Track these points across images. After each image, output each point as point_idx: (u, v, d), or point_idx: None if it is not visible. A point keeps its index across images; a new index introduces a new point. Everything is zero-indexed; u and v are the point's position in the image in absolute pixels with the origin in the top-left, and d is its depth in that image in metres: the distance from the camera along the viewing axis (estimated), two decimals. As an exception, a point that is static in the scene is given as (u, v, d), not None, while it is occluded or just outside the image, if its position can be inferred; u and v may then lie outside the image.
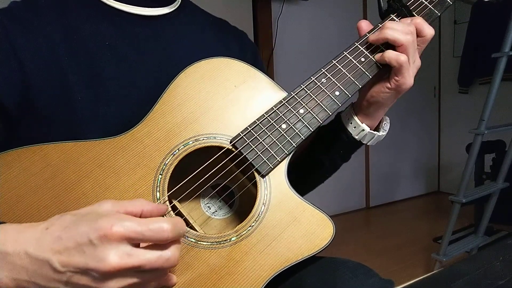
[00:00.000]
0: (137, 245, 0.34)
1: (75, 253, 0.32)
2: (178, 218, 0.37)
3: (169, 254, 0.34)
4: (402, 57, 0.50)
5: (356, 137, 0.58)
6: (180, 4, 0.62)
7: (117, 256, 0.31)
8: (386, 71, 0.54)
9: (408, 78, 0.52)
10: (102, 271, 0.31)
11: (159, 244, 0.34)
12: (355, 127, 0.58)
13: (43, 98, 0.49)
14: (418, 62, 0.53)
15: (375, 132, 0.58)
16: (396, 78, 0.52)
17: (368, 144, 0.60)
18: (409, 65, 0.51)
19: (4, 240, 0.33)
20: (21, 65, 0.48)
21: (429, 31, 0.52)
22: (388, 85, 0.53)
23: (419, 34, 0.52)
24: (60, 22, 0.52)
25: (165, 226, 0.34)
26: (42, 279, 0.32)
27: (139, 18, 0.56)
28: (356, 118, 0.58)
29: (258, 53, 0.71)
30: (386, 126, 0.61)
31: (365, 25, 0.56)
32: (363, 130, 0.58)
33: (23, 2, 0.53)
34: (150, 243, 0.34)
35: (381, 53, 0.53)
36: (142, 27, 0.56)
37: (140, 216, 0.37)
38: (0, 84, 0.48)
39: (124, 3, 0.56)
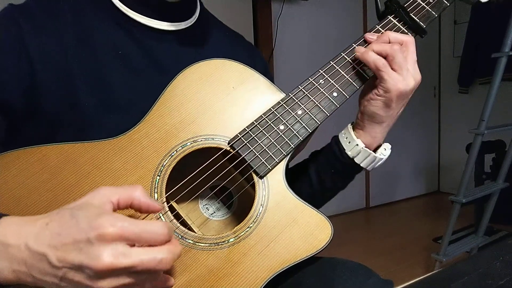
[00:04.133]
0: (132, 246, 0.34)
1: (72, 250, 0.32)
2: (167, 222, 0.39)
3: (162, 256, 0.34)
4: (380, 61, 0.50)
5: (349, 153, 0.55)
6: (197, 19, 0.61)
7: (111, 255, 0.32)
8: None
9: (392, 82, 0.50)
10: (95, 269, 0.32)
11: (153, 246, 0.35)
12: (349, 142, 0.55)
13: (49, 100, 0.49)
14: (413, 72, 0.51)
15: (370, 151, 0.55)
16: (381, 83, 0.51)
17: (363, 166, 0.56)
18: (389, 69, 0.50)
19: (6, 232, 0.34)
20: (31, 65, 0.49)
21: (406, 38, 0.52)
22: (376, 91, 0.52)
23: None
24: (74, 27, 0.52)
25: (161, 228, 0.35)
26: (39, 273, 0.33)
27: (156, 31, 0.56)
28: (351, 131, 0.56)
29: (268, 71, 0.70)
30: (385, 151, 0.57)
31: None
32: (357, 145, 0.54)
33: (40, 1, 0.52)
34: (145, 245, 0.35)
35: (356, 47, 0.53)
36: (157, 40, 0.56)
37: (131, 205, 0.37)
38: (9, 83, 0.48)
39: (142, 15, 0.55)
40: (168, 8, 0.56)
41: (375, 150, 0.56)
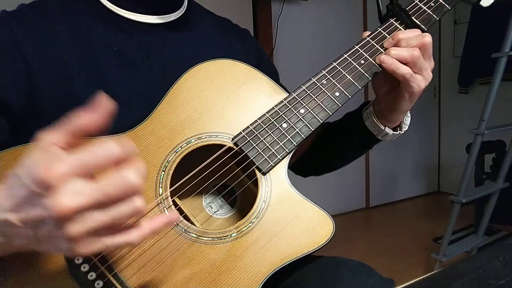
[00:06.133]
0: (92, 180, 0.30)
1: (26, 207, 0.30)
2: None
3: (127, 173, 0.30)
4: (408, 72, 0.52)
5: (379, 137, 0.62)
6: (185, 10, 0.63)
7: (67, 197, 0.28)
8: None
9: (416, 86, 0.53)
10: (56, 217, 0.29)
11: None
12: (378, 131, 0.61)
13: (48, 100, 0.50)
14: (430, 67, 0.54)
15: (398, 132, 0.62)
16: (407, 88, 0.54)
17: (392, 140, 0.64)
18: (413, 76, 0.53)
19: None
20: (27, 67, 0.49)
21: (427, 39, 0.53)
22: (401, 94, 0.55)
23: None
24: (68, 27, 0.53)
25: (110, 143, 0.30)
26: (14, 236, 0.33)
27: (146, 25, 0.57)
28: (379, 124, 0.60)
29: (260, 47, 0.72)
30: (407, 120, 0.63)
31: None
32: (387, 133, 0.61)
33: (32, 5, 0.54)
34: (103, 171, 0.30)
35: (382, 57, 0.54)
36: (149, 34, 0.57)
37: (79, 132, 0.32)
38: (6, 87, 0.49)
39: (130, 12, 0.56)
40: (155, 1, 0.57)
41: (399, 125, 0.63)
